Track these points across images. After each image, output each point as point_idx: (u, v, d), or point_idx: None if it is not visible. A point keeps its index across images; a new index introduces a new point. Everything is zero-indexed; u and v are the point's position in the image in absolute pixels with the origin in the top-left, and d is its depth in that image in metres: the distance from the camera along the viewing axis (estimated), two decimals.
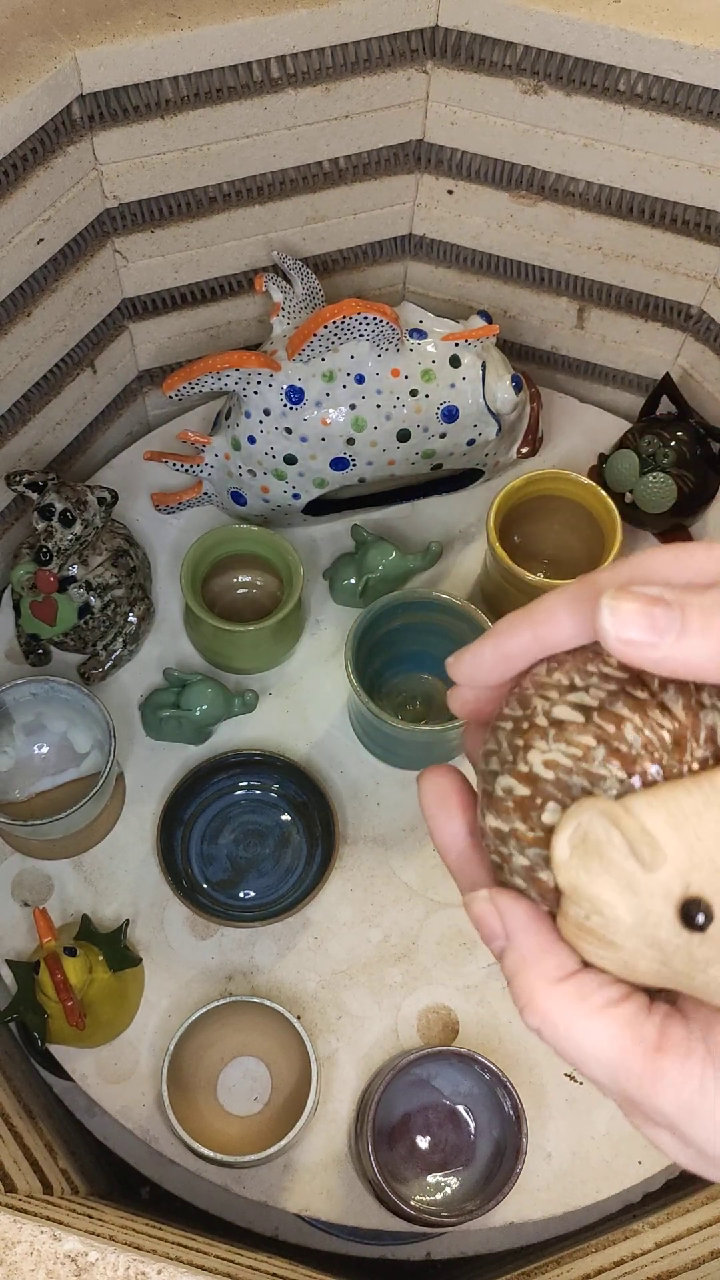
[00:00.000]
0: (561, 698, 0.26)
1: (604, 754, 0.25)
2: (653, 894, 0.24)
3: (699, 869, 0.24)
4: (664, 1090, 0.24)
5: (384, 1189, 0.64)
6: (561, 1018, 0.25)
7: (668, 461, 0.85)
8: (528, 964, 0.25)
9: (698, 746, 0.25)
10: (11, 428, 0.81)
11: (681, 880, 0.24)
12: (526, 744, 0.27)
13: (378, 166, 0.84)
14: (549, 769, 0.26)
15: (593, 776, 0.25)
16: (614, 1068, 0.25)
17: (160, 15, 0.70)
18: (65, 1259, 0.37)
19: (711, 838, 0.24)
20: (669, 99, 0.73)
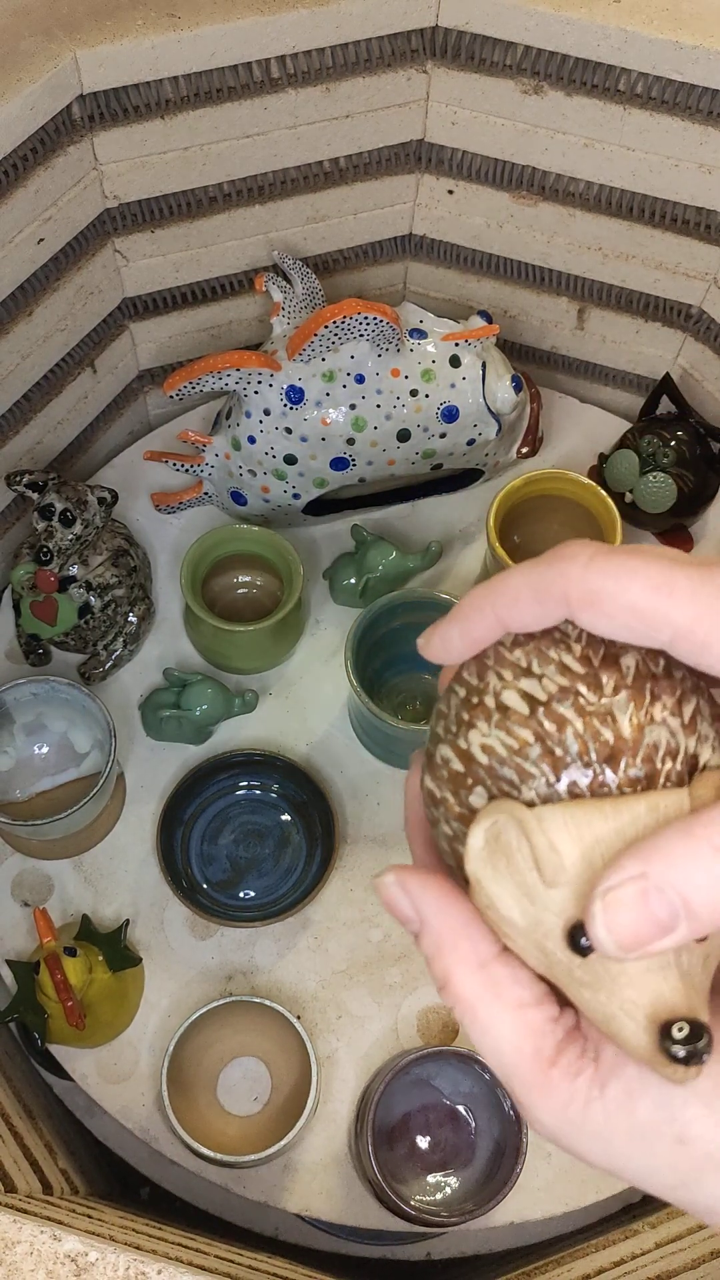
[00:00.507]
0: (514, 681, 0.26)
1: (539, 753, 0.25)
2: (547, 907, 0.24)
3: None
4: (548, 1104, 0.25)
5: (384, 1189, 0.64)
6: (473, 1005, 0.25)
7: (668, 461, 0.85)
8: (444, 947, 0.25)
9: (633, 764, 0.25)
10: (12, 427, 0.81)
11: (576, 902, 0.24)
12: (470, 721, 0.27)
13: (378, 166, 0.84)
14: (485, 753, 0.26)
15: (523, 773, 0.25)
16: (508, 1069, 0.25)
17: (160, 15, 0.70)
18: (65, 1259, 0.37)
19: None
20: (669, 99, 0.73)
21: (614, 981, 0.24)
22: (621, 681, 0.26)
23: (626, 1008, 0.24)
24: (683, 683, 0.26)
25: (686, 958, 0.24)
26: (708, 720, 0.26)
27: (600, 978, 0.24)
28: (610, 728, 0.25)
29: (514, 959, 0.26)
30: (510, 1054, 0.25)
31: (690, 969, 0.24)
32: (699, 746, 0.25)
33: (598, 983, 0.24)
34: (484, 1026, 0.25)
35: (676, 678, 0.26)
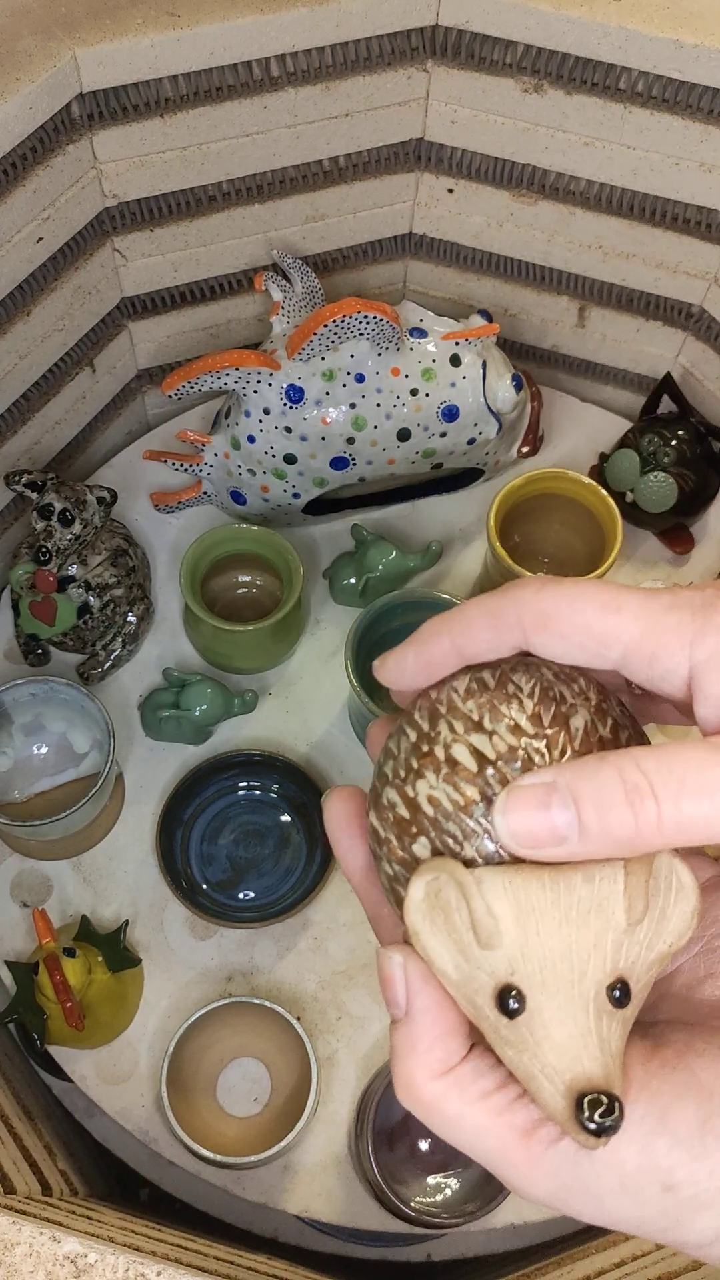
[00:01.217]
0: (465, 735, 0.27)
1: (483, 812, 0.26)
2: (479, 966, 0.25)
3: (527, 962, 0.25)
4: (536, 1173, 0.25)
5: (384, 1190, 0.64)
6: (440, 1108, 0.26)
7: (668, 460, 0.84)
8: (416, 1051, 0.26)
9: None
10: (11, 427, 0.81)
11: (508, 966, 0.25)
12: (419, 770, 0.27)
13: (378, 165, 0.83)
14: (430, 805, 0.27)
15: (466, 830, 0.26)
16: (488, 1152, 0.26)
17: (160, 14, 0.70)
18: (64, 1260, 0.37)
19: (547, 936, 0.25)
20: (670, 97, 0.73)
21: (538, 1045, 0.25)
22: (570, 744, 0.26)
23: (546, 1071, 0.25)
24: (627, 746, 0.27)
25: (606, 1025, 0.25)
26: None
27: (525, 1039, 0.25)
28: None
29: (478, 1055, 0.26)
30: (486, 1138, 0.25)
31: (608, 1037, 0.25)
32: None
33: (522, 1044, 0.25)
34: (452, 1121, 0.26)
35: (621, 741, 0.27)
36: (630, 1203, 0.25)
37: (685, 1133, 0.24)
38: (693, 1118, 0.24)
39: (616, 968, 0.25)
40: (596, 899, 0.25)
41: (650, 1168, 0.24)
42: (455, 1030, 0.26)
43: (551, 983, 0.25)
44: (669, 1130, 0.24)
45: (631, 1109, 0.25)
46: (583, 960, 0.25)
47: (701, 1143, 0.24)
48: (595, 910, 0.25)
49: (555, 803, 0.24)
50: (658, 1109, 0.25)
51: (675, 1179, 0.24)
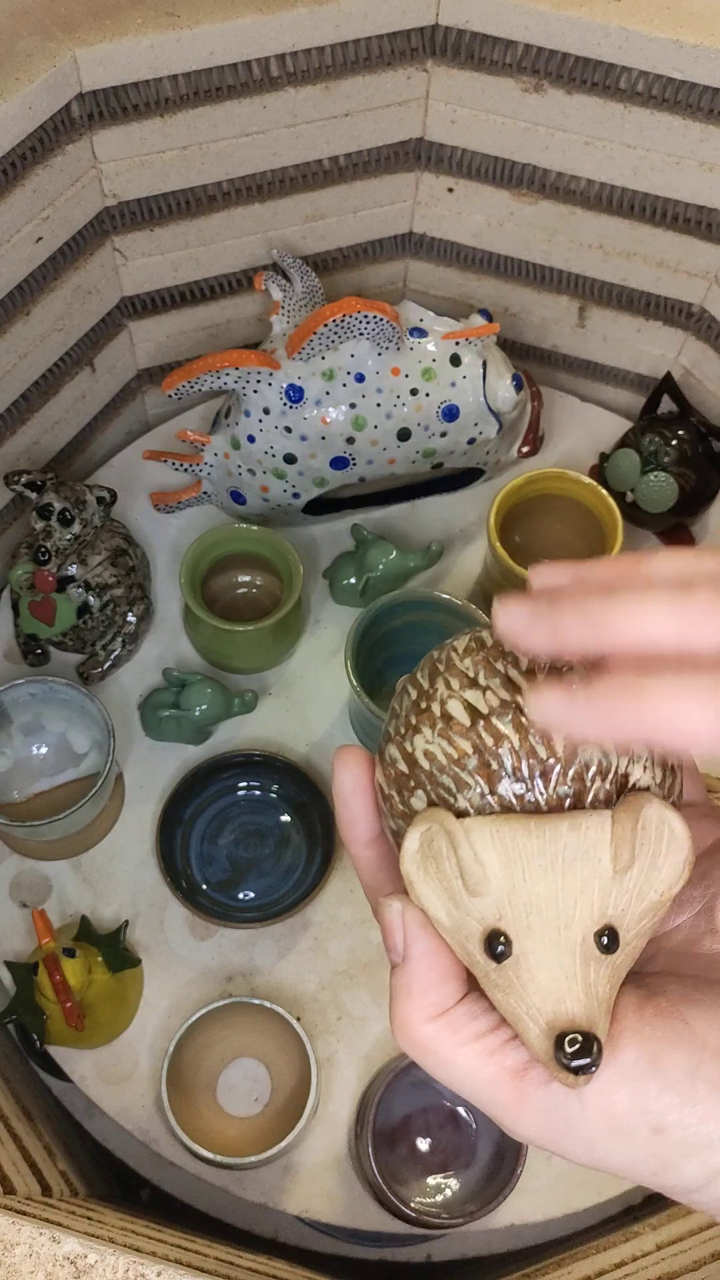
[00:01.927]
0: (460, 691, 0.28)
1: (475, 764, 0.27)
2: (469, 913, 0.26)
3: (514, 907, 0.26)
4: (526, 1113, 0.26)
5: (384, 1191, 0.64)
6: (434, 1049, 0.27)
7: (669, 460, 0.84)
8: (411, 994, 0.27)
9: (564, 782, 0.26)
10: (10, 427, 0.81)
11: (495, 911, 0.26)
12: (417, 725, 0.28)
13: (378, 165, 0.83)
14: (426, 759, 0.28)
15: (460, 782, 0.27)
16: (479, 1092, 0.26)
17: (159, 14, 0.70)
18: (64, 1261, 0.37)
19: (533, 882, 0.26)
20: (669, 97, 0.73)
21: (523, 987, 0.25)
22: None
23: (530, 1013, 0.25)
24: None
25: (594, 971, 0.25)
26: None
27: (511, 982, 0.26)
28: (545, 746, 0.26)
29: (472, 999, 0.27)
30: (477, 1078, 0.26)
31: (594, 982, 0.25)
32: (630, 766, 0.27)
33: (509, 986, 0.26)
34: (445, 1062, 0.26)
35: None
36: (620, 1145, 0.25)
37: (676, 1077, 0.25)
38: (684, 1063, 0.25)
39: (604, 915, 0.26)
40: (583, 846, 0.26)
41: (641, 1110, 0.25)
42: (450, 975, 0.27)
43: (537, 927, 0.26)
44: (660, 1074, 0.25)
45: (624, 1053, 0.25)
46: (569, 906, 0.26)
47: (692, 1087, 0.25)
48: (581, 857, 0.26)
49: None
50: (649, 1054, 0.25)
51: (665, 1121, 0.25)
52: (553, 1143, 0.26)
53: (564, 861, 0.26)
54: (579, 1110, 0.25)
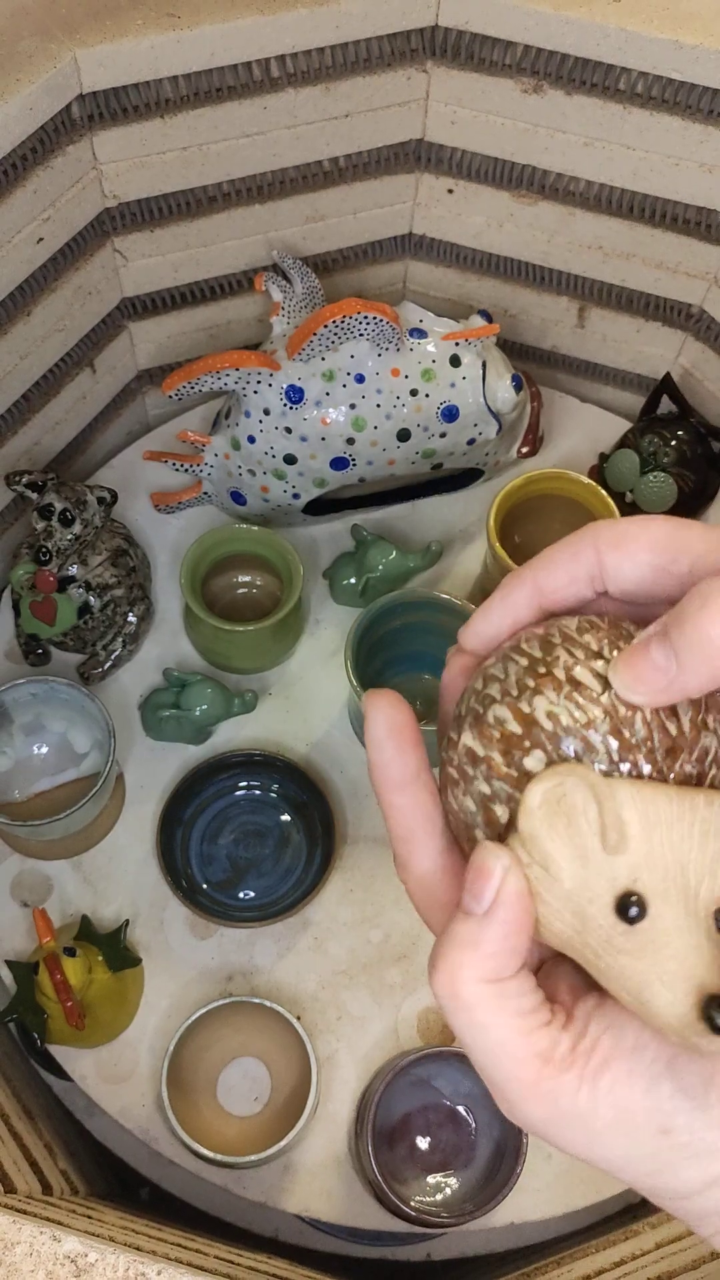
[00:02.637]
0: (588, 661, 0.27)
1: (608, 729, 0.26)
2: (600, 873, 0.26)
3: (651, 871, 0.26)
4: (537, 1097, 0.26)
5: (384, 1189, 0.64)
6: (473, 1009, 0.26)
7: (668, 461, 0.84)
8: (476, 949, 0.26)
9: (689, 761, 0.27)
10: (11, 427, 0.81)
11: (631, 874, 0.26)
12: (537, 688, 0.27)
13: (378, 166, 0.84)
14: (549, 720, 0.27)
15: (589, 745, 0.27)
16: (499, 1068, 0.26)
17: (160, 15, 0.70)
18: (65, 1259, 0.37)
19: (671, 849, 0.26)
20: (669, 98, 0.73)
21: (658, 952, 0.25)
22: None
23: (666, 978, 0.25)
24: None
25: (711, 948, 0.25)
26: None
27: (644, 947, 0.25)
28: (674, 723, 0.27)
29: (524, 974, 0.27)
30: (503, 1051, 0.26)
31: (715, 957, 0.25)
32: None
33: (640, 951, 0.25)
34: (477, 1025, 0.26)
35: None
36: (624, 1140, 0.25)
37: (691, 1082, 0.25)
38: (701, 1070, 0.25)
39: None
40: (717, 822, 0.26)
41: (652, 1109, 0.25)
42: (520, 951, 0.26)
43: (673, 894, 0.25)
44: (676, 1077, 0.25)
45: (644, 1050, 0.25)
46: (699, 879, 0.26)
47: (705, 1094, 0.25)
48: (715, 833, 0.26)
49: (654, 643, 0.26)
50: (668, 1056, 0.25)
51: (674, 1124, 0.25)
52: (555, 1129, 0.26)
53: (700, 834, 0.26)
54: (588, 1101, 0.25)
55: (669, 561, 0.27)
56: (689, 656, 0.25)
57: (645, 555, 0.27)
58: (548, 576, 0.29)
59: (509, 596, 0.29)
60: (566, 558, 0.28)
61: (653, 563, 0.27)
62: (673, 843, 0.26)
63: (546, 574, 0.29)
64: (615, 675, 0.26)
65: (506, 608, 0.29)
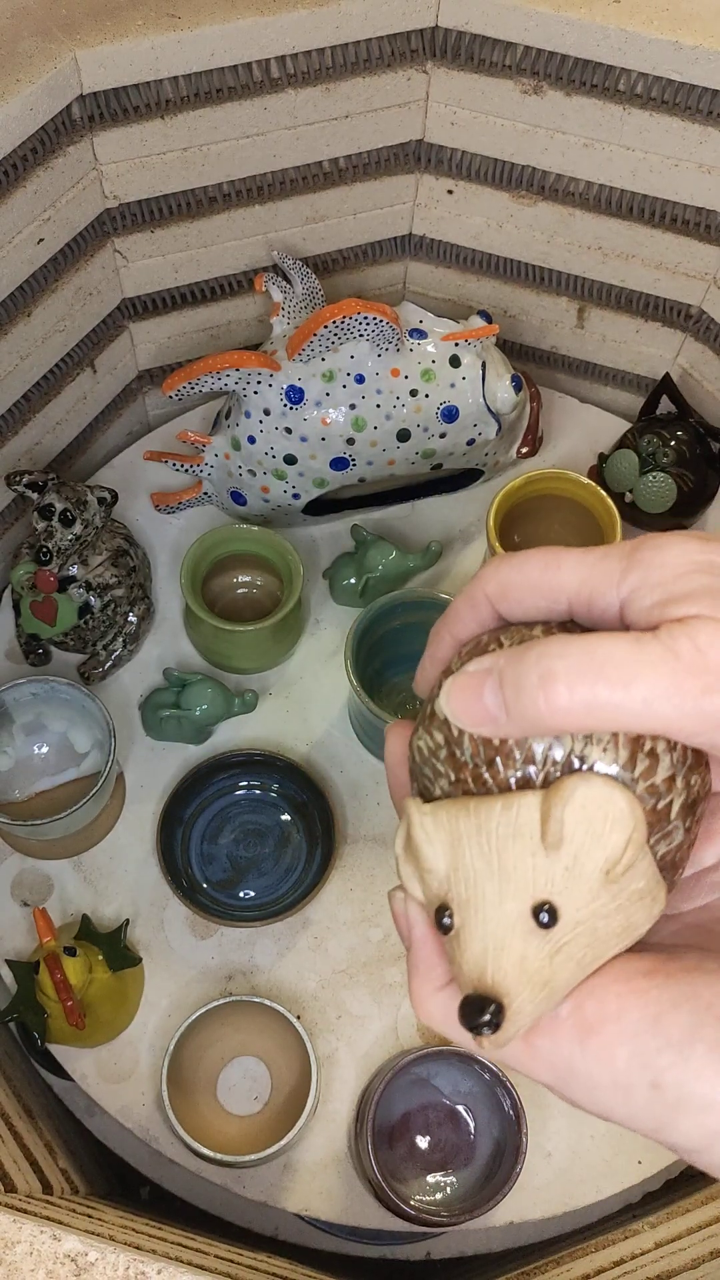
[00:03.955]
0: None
1: (445, 754, 0.29)
2: (429, 891, 0.29)
3: (456, 883, 0.28)
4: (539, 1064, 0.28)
5: (384, 1189, 0.64)
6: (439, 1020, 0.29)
7: (667, 461, 0.85)
8: (419, 972, 0.29)
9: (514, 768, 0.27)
10: (11, 428, 0.81)
11: (443, 888, 0.28)
12: (417, 724, 0.30)
13: (378, 166, 0.84)
14: (417, 753, 0.30)
15: (435, 771, 0.29)
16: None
17: (160, 15, 0.70)
18: (65, 1259, 0.38)
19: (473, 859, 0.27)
20: (669, 99, 0.73)
21: (460, 956, 0.27)
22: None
23: (461, 981, 0.27)
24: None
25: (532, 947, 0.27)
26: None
27: (453, 953, 0.28)
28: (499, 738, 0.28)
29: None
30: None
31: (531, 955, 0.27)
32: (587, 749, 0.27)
33: (452, 955, 0.28)
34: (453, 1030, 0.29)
35: None
36: (621, 1098, 0.27)
37: (677, 1036, 0.26)
38: (685, 1023, 0.26)
39: (540, 890, 0.27)
40: (515, 825, 0.27)
41: (641, 1066, 0.26)
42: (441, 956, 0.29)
43: (475, 901, 0.27)
44: (661, 1033, 0.26)
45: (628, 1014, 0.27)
46: (503, 882, 0.27)
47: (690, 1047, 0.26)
48: (514, 835, 0.27)
49: (487, 687, 0.27)
50: (652, 1014, 0.26)
51: (663, 1079, 0.26)
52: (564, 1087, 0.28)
53: (498, 839, 0.27)
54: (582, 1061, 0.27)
55: (550, 602, 0.29)
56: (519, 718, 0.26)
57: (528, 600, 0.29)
58: (459, 628, 0.31)
59: (435, 650, 0.31)
60: (468, 610, 0.30)
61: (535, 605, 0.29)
62: (473, 853, 0.27)
63: (458, 626, 0.31)
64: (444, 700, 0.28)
65: (435, 662, 0.32)
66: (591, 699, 0.25)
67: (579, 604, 0.28)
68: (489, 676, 0.27)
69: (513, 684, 0.26)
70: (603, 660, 0.25)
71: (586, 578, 0.28)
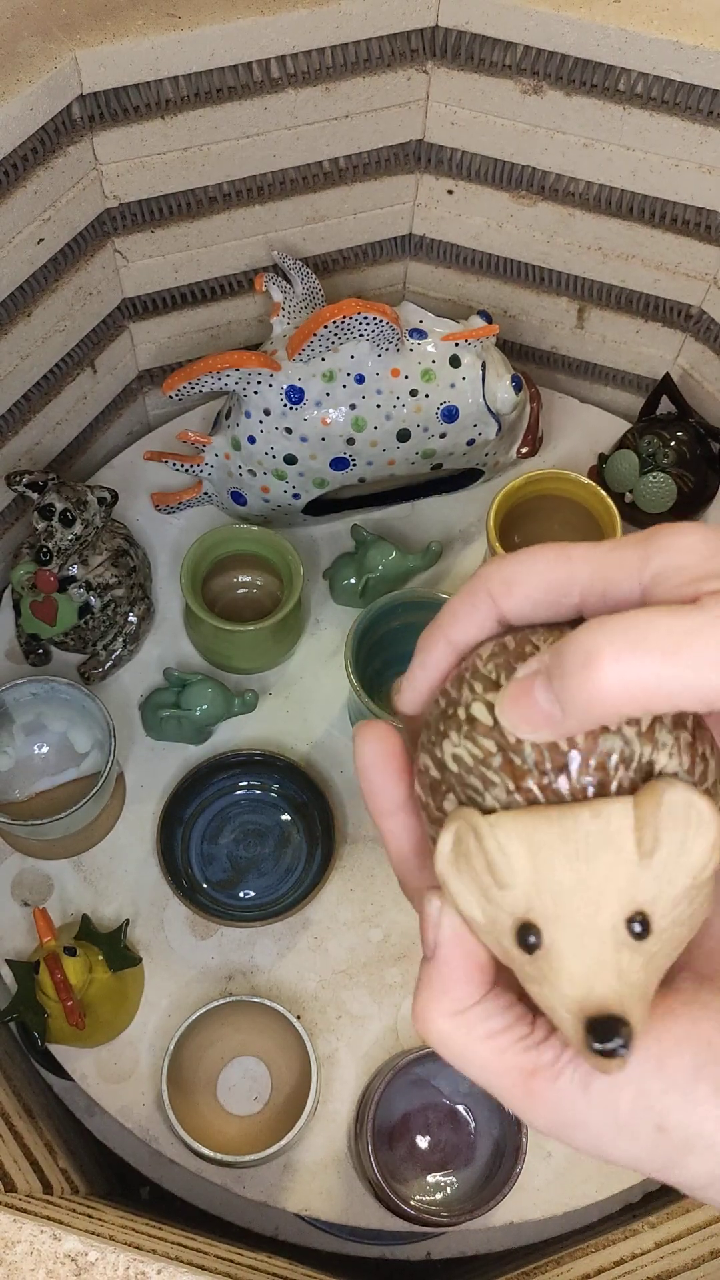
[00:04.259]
0: (484, 693, 0.28)
1: (500, 762, 0.27)
2: (500, 907, 0.26)
3: (541, 898, 0.26)
4: (538, 1109, 0.26)
5: (384, 1189, 0.64)
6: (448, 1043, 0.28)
7: (668, 461, 0.85)
8: (433, 990, 0.28)
9: (586, 773, 0.26)
10: (11, 428, 0.81)
11: (524, 903, 0.26)
12: (445, 732, 0.28)
13: (378, 166, 0.84)
14: (454, 762, 0.28)
15: (486, 781, 0.27)
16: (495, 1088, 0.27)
17: (160, 15, 0.70)
18: (65, 1259, 0.38)
19: (559, 871, 0.26)
20: (669, 99, 0.73)
21: (556, 976, 0.26)
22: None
23: (564, 1002, 0.26)
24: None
25: (627, 958, 0.26)
26: (667, 727, 0.27)
27: (544, 973, 0.26)
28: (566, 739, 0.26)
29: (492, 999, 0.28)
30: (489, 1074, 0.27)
31: (627, 968, 0.25)
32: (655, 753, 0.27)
33: (541, 977, 0.26)
34: (458, 1056, 0.28)
35: None
36: (626, 1141, 0.26)
37: (680, 1079, 0.25)
38: (688, 1065, 0.25)
39: (634, 901, 0.26)
40: (606, 833, 0.26)
41: (644, 1109, 0.25)
42: (474, 976, 0.27)
43: (566, 916, 0.26)
44: (665, 1075, 0.26)
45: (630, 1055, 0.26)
46: (596, 894, 0.26)
47: (694, 1089, 0.25)
48: (605, 844, 0.26)
49: (538, 687, 0.26)
50: (655, 1055, 0.26)
51: (668, 1121, 0.25)
52: (564, 1134, 0.27)
53: (588, 849, 0.26)
54: (585, 1107, 0.26)
55: (559, 596, 0.27)
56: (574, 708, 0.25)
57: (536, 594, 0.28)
58: (456, 630, 0.29)
59: (428, 658, 0.30)
60: (467, 609, 0.29)
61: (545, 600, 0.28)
62: (561, 865, 0.26)
63: (454, 628, 0.29)
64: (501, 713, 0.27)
65: (428, 670, 0.30)
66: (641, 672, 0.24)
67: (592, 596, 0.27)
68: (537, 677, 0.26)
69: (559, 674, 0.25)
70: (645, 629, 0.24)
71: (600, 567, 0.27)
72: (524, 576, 0.28)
